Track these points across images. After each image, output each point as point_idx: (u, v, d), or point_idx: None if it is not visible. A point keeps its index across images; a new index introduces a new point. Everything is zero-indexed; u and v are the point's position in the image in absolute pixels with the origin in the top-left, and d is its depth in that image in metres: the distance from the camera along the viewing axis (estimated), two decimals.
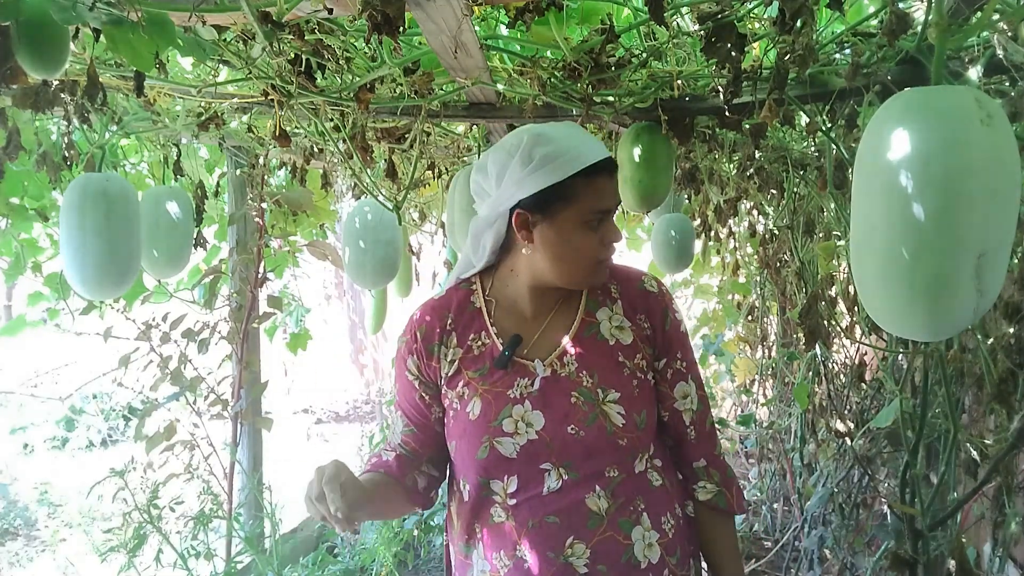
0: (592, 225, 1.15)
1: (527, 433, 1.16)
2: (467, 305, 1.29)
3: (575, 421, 1.16)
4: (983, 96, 0.83)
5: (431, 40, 1.20)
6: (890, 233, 0.86)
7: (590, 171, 1.13)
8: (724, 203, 2.88)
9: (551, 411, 1.17)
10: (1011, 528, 1.52)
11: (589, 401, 1.17)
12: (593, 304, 1.26)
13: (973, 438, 1.58)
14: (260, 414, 2.75)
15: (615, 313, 1.25)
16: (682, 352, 1.27)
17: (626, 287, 1.28)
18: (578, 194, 1.14)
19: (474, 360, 1.24)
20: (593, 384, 1.18)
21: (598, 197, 1.15)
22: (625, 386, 1.19)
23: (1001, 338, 1.39)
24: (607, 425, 1.15)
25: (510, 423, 1.17)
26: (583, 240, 1.16)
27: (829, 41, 1.33)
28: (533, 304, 1.26)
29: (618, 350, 1.22)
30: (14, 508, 5.00)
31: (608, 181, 1.17)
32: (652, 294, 1.27)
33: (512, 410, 1.18)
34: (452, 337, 1.26)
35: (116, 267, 1.74)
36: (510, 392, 1.19)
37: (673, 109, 1.54)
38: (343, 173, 2.77)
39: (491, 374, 1.22)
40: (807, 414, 2.79)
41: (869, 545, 2.56)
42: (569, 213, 1.15)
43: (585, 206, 1.14)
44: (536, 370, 1.21)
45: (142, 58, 0.99)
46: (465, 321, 1.27)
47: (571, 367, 1.20)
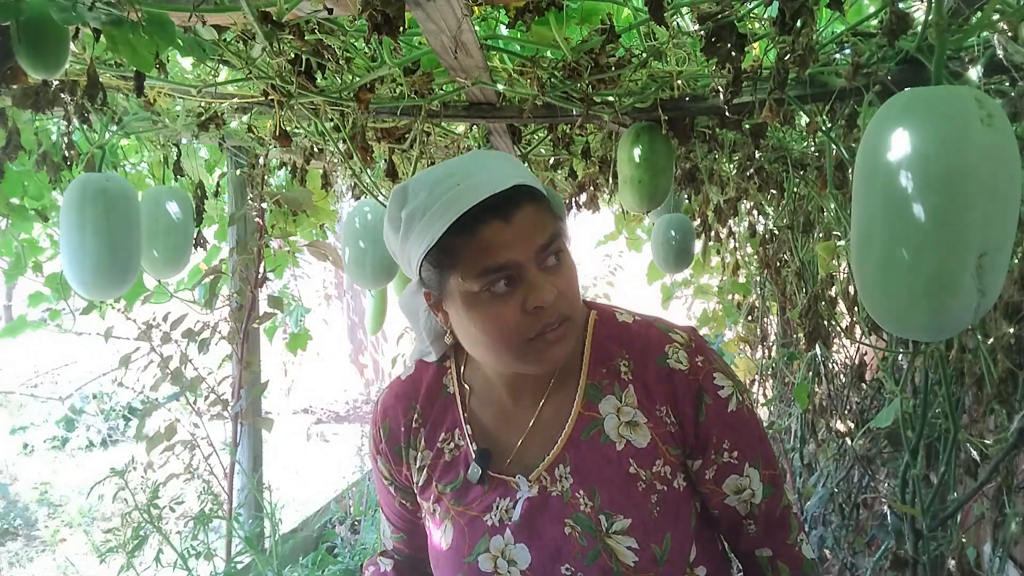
0: (493, 290, 0.84)
1: (509, 574, 0.90)
2: (438, 391, 1.03)
3: (570, 559, 0.88)
4: (983, 96, 0.83)
5: (431, 40, 1.20)
6: (890, 233, 0.86)
7: (467, 222, 0.83)
8: (724, 203, 2.88)
9: (539, 545, 0.90)
10: (1011, 528, 1.52)
11: (588, 532, 0.88)
12: (595, 392, 0.94)
13: (973, 438, 1.58)
14: (260, 414, 2.75)
15: (625, 404, 0.92)
16: (731, 440, 0.92)
17: (640, 364, 0.94)
18: (456, 255, 0.85)
19: (446, 469, 0.99)
20: (594, 509, 0.89)
21: (484, 252, 0.83)
22: (639, 508, 0.88)
23: (1001, 338, 1.39)
24: (613, 566, 0.86)
25: (487, 560, 0.92)
26: (486, 315, 0.85)
27: (829, 41, 1.33)
28: (512, 393, 0.97)
29: (629, 457, 0.90)
30: (14, 508, 5.01)
31: (501, 226, 0.83)
32: (679, 373, 0.92)
33: (490, 543, 0.92)
34: (420, 437, 1.02)
35: (116, 267, 1.74)
36: (487, 518, 0.93)
37: (673, 109, 1.54)
38: (343, 173, 2.77)
39: (465, 490, 0.96)
40: (807, 414, 2.78)
41: (869, 545, 2.56)
42: (457, 283, 0.86)
43: (470, 269, 0.84)
44: (519, 489, 0.93)
45: (142, 58, 0.99)
46: (436, 415, 1.02)
47: (565, 483, 0.91)
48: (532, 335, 0.85)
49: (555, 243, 0.87)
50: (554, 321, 0.85)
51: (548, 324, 0.85)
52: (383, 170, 1.94)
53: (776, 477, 0.96)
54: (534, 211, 0.87)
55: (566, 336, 0.87)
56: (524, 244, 0.84)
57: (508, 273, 0.84)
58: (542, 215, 0.88)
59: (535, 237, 0.85)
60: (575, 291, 0.90)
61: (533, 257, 0.85)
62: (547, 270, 0.86)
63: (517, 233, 0.84)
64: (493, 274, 0.84)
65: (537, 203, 0.88)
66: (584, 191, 2.90)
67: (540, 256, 0.86)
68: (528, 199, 0.87)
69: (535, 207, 0.87)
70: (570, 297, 0.88)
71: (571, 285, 0.89)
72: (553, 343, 0.86)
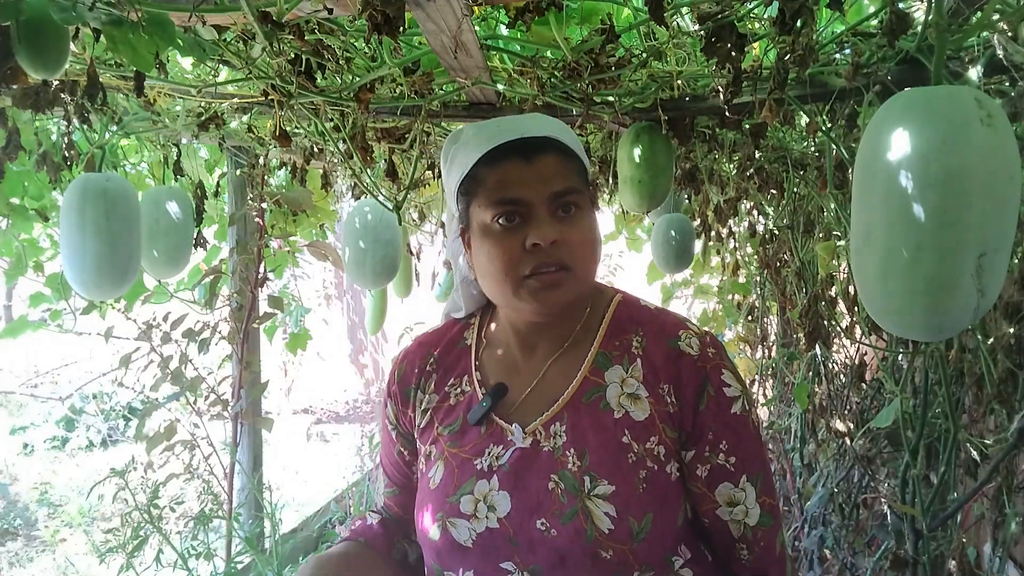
0: (502, 223, 0.90)
1: (487, 519, 0.91)
2: (457, 342, 1.07)
3: (547, 514, 0.88)
4: (983, 96, 0.83)
5: (431, 40, 1.20)
6: (890, 233, 0.86)
7: (494, 154, 0.91)
8: (724, 203, 2.88)
9: (520, 495, 0.90)
10: (1011, 528, 1.52)
11: (570, 491, 0.88)
12: (604, 360, 0.95)
13: (973, 438, 1.58)
14: (260, 414, 2.75)
15: (630, 376, 0.93)
16: (730, 443, 0.90)
17: (653, 342, 0.95)
18: (482, 184, 0.92)
19: (448, 411, 1.01)
20: (580, 469, 0.89)
21: (501, 183, 0.90)
22: (625, 478, 0.88)
23: (1001, 338, 1.39)
24: (587, 528, 0.86)
25: (469, 502, 0.92)
26: (493, 245, 0.90)
27: (829, 41, 1.33)
28: (523, 349, 1.01)
29: (625, 427, 0.90)
30: (14, 508, 5.01)
31: (521, 165, 0.90)
32: (687, 357, 0.92)
33: (475, 485, 0.93)
34: (431, 380, 1.05)
35: (116, 267, 1.74)
36: (477, 462, 0.94)
37: (673, 109, 1.54)
38: (343, 173, 2.77)
39: (462, 433, 0.98)
40: (807, 414, 2.79)
41: (869, 545, 2.56)
42: (476, 211, 0.93)
43: (487, 197, 0.91)
44: (513, 437, 0.94)
45: (142, 58, 0.99)
46: (450, 362, 1.05)
47: (558, 440, 0.92)
48: (527, 272, 0.89)
49: (570, 195, 0.92)
50: (551, 264, 0.89)
51: (543, 265, 0.89)
52: (383, 170, 1.94)
53: (775, 509, 0.93)
54: (558, 161, 0.92)
55: (561, 284, 0.90)
56: (539, 185, 0.90)
57: (518, 208, 0.90)
58: (565, 168, 0.93)
59: (551, 183, 0.90)
60: (582, 246, 0.92)
61: (545, 200, 0.90)
62: (558, 218, 0.91)
63: (535, 174, 0.90)
64: (504, 206, 0.90)
65: (565, 157, 0.94)
66: None
67: (552, 201, 0.91)
68: (556, 151, 0.93)
69: (560, 159, 0.93)
70: (573, 248, 0.91)
71: (578, 238, 0.92)
72: (545, 286, 0.89)
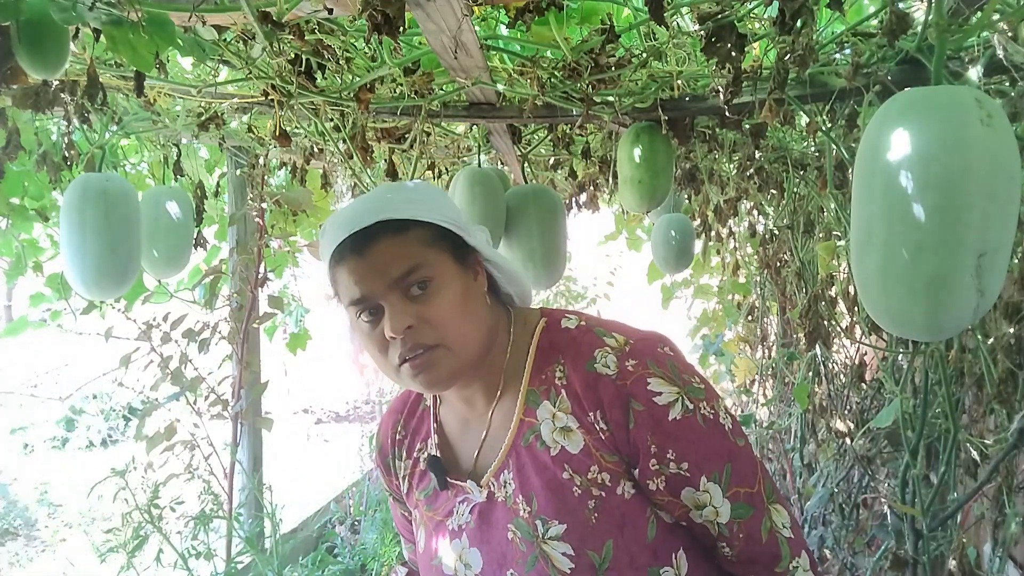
0: (364, 319, 0.91)
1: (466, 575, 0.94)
2: (419, 404, 1.10)
3: (513, 564, 0.89)
4: (983, 96, 0.83)
5: (431, 40, 1.20)
6: (890, 233, 0.86)
7: (334, 258, 0.92)
8: (724, 203, 2.88)
9: (487, 550, 0.93)
10: (1011, 528, 1.52)
11: (527, 538, 0.89)
12: (534, 398, 0.94)
13: (973, 438, 1.58)
14: (260, 414, 2.75)
15: (559, 410, 0.91)
16: (676, 451, 0.87)
17: (572, 369, 0.92)
18: (337, 285, 0.94)
19: (421, 476, 1.04)
20: (531, 514, 0.89)
21: (347, 284, 0.91)
22: (574, 514, 0.87)
23: (1001, 338, 1.39)
24: (550, 572, 0.87)
25: (449, 564, 0.96)
26: (364, 341, 0.93)
27: (829, 41, 1.33)
28: (465, 402, 1.00)
29: (563, 462, 0.89)
30: (14, 508, 5.01)
31: (357, 262, 0.89)
32: (604, 379, 0.89)
33: (451, 546, 0.96)
34: (403, 448, 1.08)
35: (116, 267, 1.74)
36: (449, 523, 0.97)
37: (673, 109, 1.54)
38: (343, 173, 2.77)
39: (435, 495, 1.01)
40: (807, 414, 2.79)
41: (869, 545, 2.56)
42: (346, 310, 0.95)
43: (343, 299, 0.93)
44: (471, 494, 0.96)
45: (142, 58, 0.99)
46: (415, 425, 1.08)
47: (508, 489, 0.92)
48: (396, 363, 0.90)
49: (415, 273, 0.89)
50: (416, 348, 0.88)
51: (407, 351, 0.89)
52: (383, 170, 1.94)
53: (753, 496, 0.89)
54: (392, 244, 0.90)
55: (433, 364, 0.89)
56: (378, 277, 0.89)
57: (366, 305, 0.90)
58: (403, 248, 0.90)
59: (390, 269, 0.89)
60: (443, 317, 0.90)
61: (388, 289, 0.89)
62: (413, 299, 0.89)
63: (371, 266, 0.89)
64: (354, 306, 0.91)
65: (400, 234, 0.91)
66: (584, 191, 2.91)
67: (399, 286, 0.89)
68: (389, 233, 0.90)
69: (395, 240, 0.90)
70: (434, 323, 0.89)
71: (438, 313, 0.90)
72: (418, 370, 0.89)
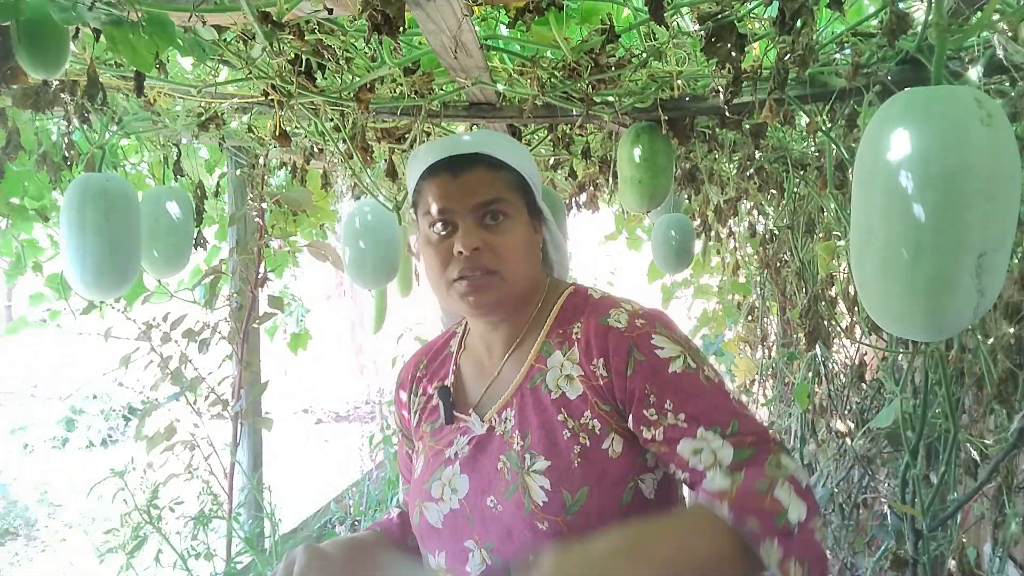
0: (436, 231, 1.00)
1: (451, 500, 1.00)
2: (444, 349, 1.18)
3: (495, 491, 0.96)
4: (983, 96, 0.83)
5: (431, 40, 1.20)
6: (890, 233, 0.86)
7: (427, 173, 1.02)
8: (724, 203, 2.88)
9: (476, 477, 0.99)
10: (1011, 528, 1.52)
11: (514, 468, 0.96)
12: (548, 348, 1.02)
13: (973, 438, 1.58)
14: (260, 414, 2.75)
15: (567, 359, 0.99)
16: (675, 401, 0.90)
17: (587, 324, 1.00)
18: (421, 198, 1.03)
19: (431, 411, 1.12)
20: (523, 448, 0.96)
21: (433, 198, 1.00)
22: (560, 454, 0.93)
23: (1001, 338, 1.39)
24: (526, 502, 0.92)
25: (438, 487, 1.02)
26: (430, 252, 1.01)
27: (829, 41, 1.33)
28: (485, 345, 1.10)
29: (561, 405, 0.97)
30: (14, 508, 5.01)
31: (449, 180, 0.99)
32: (615, 330, 0.96)
33: (443, 472, 1.03)
34: (420, 385, 1.16)
35: (116, 267, 1.74)
36: (447, 451, 1.04)
37: (673, 109, 1.54)
38: (343, 173, 2.77)
39: (440, 429, 1.08)
40: (807, 414, 2.79)
41: (869, 545, 2.56)
42: (421, 223, 1.04)
43: (423, 211, 1.02)
44: (473, 427, 1.03)
45: (142, 58, 0.99)
46: (436, 367, 1.17)
47: (508, 424, 1.00)
48: (455, 276, 0.98)
49: (496, 204, 1.00)
50: (475, 269, 0.98)
51: (467, 270, 0.98)
52: (383, 170, 1.94)
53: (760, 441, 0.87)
54: (484, 174, 1.01)
55: (486, 288, 0.98)
56: (464, 198, 0.99)
57: (444, 219, 0.99)
58: (492, 179, 1.01)
59: (476, 194, 0.99)
60: (508, 251, 1.00)
61: (469, 210, 0.99)
62: (485, 226, 0.99)
63: (461, 187, 0.99)
64: (433, 217, 1.00)
65: (494, 169, 1.02)
66: (584, 191, 2.91)
67: (477, 211, 0.99)
68: (484, 164, 1.01)
69: (488, 172, 1.01)
70: (498, 253, 0.99)
71: (503, 244, 0.99)
72: (470, 290, 0.98)
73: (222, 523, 2.56)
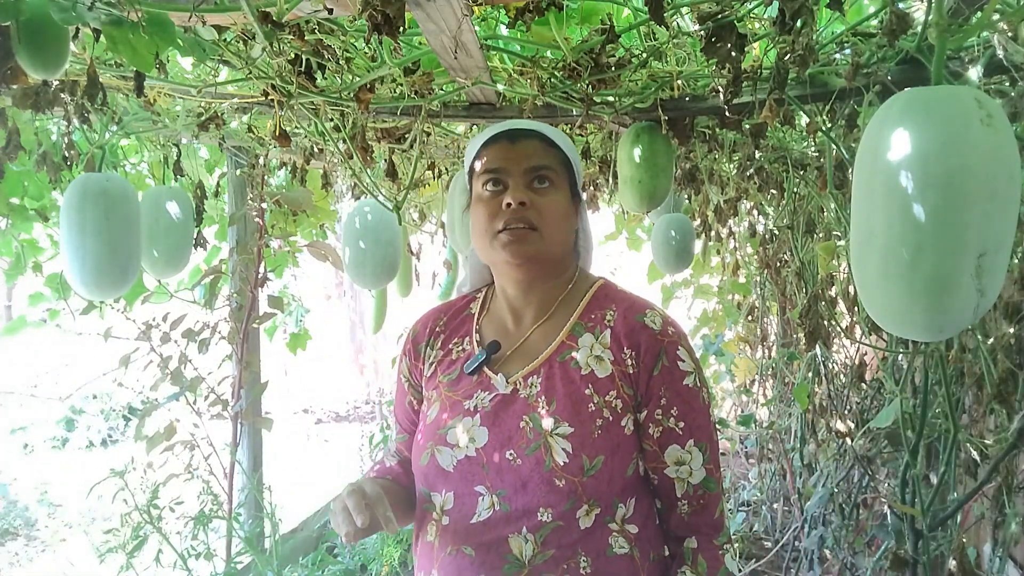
0: (488, 188, 1.13)
1: (467, 448, 1.08)
2: (464, 310, 1.27)
3: (515, 446, 1.05)
4: (983, 96, 0.83)
5: (431, 40, 1.20)
6: (890, 233, 0.86)
7: (489, 141, 1.16)
8: (724, 203, 2.88)
9: (496, 431, 1.08)
10: (1011, 528, 1.52)
11: (537, 428, 1.06)
12: (580, 328, 1.14)
13: (973, 438, 1.58)
14: (260, 414, 2.75)
15: (598, 342, 1.11)
16: (680, 410, 1.07)
17: (622, 316, 1.13)
18: (479, 161, 1.16)
19: (450, 364, 1.20)
20: (548, 412, 1.07)
21: (491, 159, 1.14)
22: (583, 423, 1.04)
23: (1001, 338, 1.39)
24: (546, 459, 1.03)
25: (454, 434, 1.10)
26: (481, 206, 1.13)
27: (829, 41, 1.33)
28: (513, 317, 1.20)
29: (589, 381, 1.08)
30: (14, 508, 5.00)
31: (507, 146, 1.14)
32: (649, 330, 1.10)
33: (462, 421, 1.11)
34: (439, 339, 1.24)
35: (116, 267, 1.74)
36: (467, 403, 1.13)
37: (673, 109, 1.54)
38: (343, 173, 2.78)
39: (459, 381, 1.17)
40: (807, 414, 2.79)
41: (869, 545, 2.56)
42: (475, 184, 1.17)
43: (480, 169, 1.15)
44: (497, 385, 1.12)
45: (142, 58, 0.99)
46: (455, 325, 1.25)
47: (533, 390, 1.10)
48: (500, 227, 1.10)
49: (544, 170, 1.13)
50: (520, 221, 1.09)
51: (512, 221, 1.09)
52: (383, 170, 1.94)
53: (719, 481, 1.10)
54: (539, 145, 1.15)
55: (526, 240, 1.09)
56: (519, 160, 1.13)
57: (499, 176, 1.13)
58: (545, 151, 1.15)
59: (530, 159, 1.13)
60: (550, 212, 1.12)
61: (522, 171, 1.12)
62: (532, 188, 1.12)
63: (517, 152, 1.14)
64: (490, 174, 1.13)
65: (548, 145, 1.16)
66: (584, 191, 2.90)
67: (528, 173, 1.12)
68: (539, 138, 1.15)
69: (542, 144, 1.15)
70: (541, 211, 1.11)
71: (546, 205, 1.12)
72: (513, 239, 1.09)
73: (222, 523, 2.56)
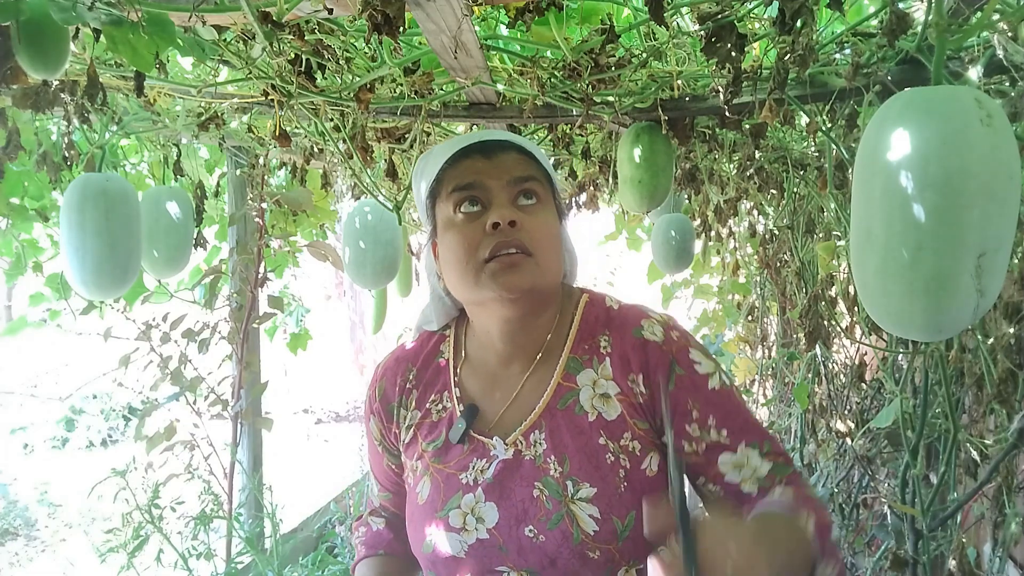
0: (464, 210, 0.94)
1: (476, 530, 0.93)
2: (434, 357, 1.08)
3: (534, 521, 0.90)
4: (983, 96, 0.83)
5: (431, 40, 1.20)
6: (890, 233, 0.86)
7: (456, 156, 0.97)
8: (724, 203, 2.88)
9: (507, 505, 0.92)
10: (1011, 528, 1.52)
11: (554, 496, 0.90)
12: (575, 365, 0.97)
13: (973, 438, 1.58)
14: (260, 414, 2.75)
15: (601, 376, 0.95)
16: (717, 417, 0.91)
17: (619, 337, 0.97)
18: (443, 182, 0.97)
19: (431, 428, 1.03)
20: (562, 475, 0.91)
21: (461, 175, 0.95)
22: (605, 479, 0.90)
23: (1001, 338, 1.39)
24: (573, 531, 0.88)
25: (458, 516, 0.94)
26: (455, 233, 0.94)
27: (829, 41, 1.33)
28: (500, 363, 1.01)
29: (599, 428, 0.92)
30: (14, 508, 5.01)
31: (482, 160, 0.96)
32: (652, 344, 0.94)
33: (462, 500, 0.95)
34: (411, 397, 1.06)
35: (116, 267, 1.74)
36: (463, 476, 0.96)
37: (673, 109, 1.54)
38: (343, 173, 2.77)
39: (446, 449, 1.00)
40: (807, 414, 2.78)
41: (869, 545, 2.56)
42: (440, 209, 0.98)
43: (449, 188, 0.96)
44: (495, 450, 0.96)
45: (142, 58, 0.99)
46: (429, 378, 1.06)
47: (539, 448, 0.94)
48: (487, 255, 0.91)
49: (530, 182, 0.96)
50: (510, 246, 0.91)
51: (502, 246, 0.91)
52: (383, 170, 1.94)
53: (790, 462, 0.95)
54: (518, 156, 0.98)
55: (520, 266, 0.91)
56: (498, 174, 0.95)
57: (477, 193, 0.94)
58: (526, 162, 0.98)
59: (511, 170, 0.96)
60: (542, 234, 0.95)
61: (504, 185, 0.95)
62: (519, 205, 0.96)
63: (494, 165, 0.96)
64: (462, 191, 0.95)
65: (526, 156, 0.99)
66: (584, 191, 2.90)
67: (513, 186, 0.95)
68: (516, 150, 0.99)
69: (521, 156, 0.99)
70: (533, 234, 0.94)
71: (538, 225, 0.95)
72: (505, 268, 0.91)
73: (222, 523, 2.56)
